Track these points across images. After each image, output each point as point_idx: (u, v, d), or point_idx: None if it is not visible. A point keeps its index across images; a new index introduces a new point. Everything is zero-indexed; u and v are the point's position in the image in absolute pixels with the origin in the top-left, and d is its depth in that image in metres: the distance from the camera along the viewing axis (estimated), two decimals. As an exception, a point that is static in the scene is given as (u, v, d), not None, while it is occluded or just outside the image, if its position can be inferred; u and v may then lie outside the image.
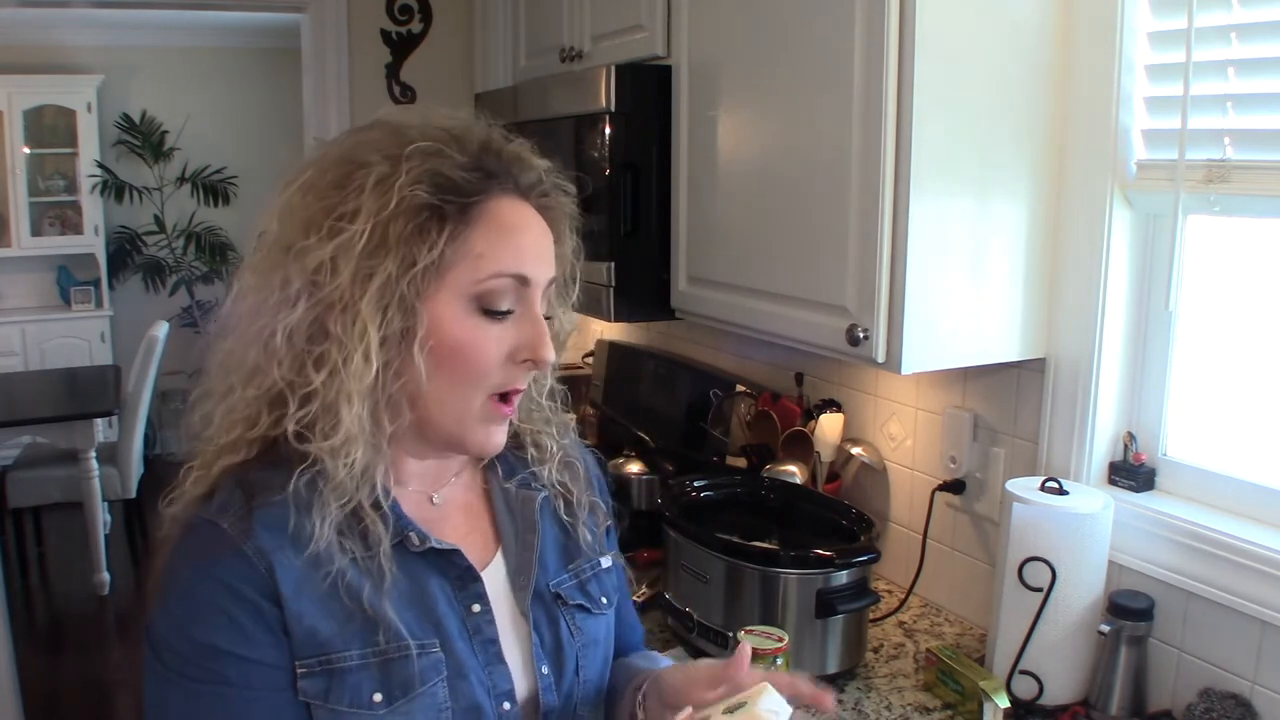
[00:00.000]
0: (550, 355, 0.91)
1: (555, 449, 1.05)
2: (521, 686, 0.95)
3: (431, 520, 0.95)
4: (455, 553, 0.93)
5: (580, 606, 1.02)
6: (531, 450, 1.04)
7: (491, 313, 0.88)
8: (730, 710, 0.86)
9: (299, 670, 0.84)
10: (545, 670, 0.97)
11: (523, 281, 0.89)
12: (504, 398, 0.91)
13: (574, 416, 1.11)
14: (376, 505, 0.88)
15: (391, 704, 0.85)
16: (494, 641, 0.94)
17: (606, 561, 1.07)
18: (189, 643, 0.83)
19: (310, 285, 0.85)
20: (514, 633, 0.97)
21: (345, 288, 0.84)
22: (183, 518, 0.88)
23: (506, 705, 0.93)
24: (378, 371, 0.85)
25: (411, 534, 0.90)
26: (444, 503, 0.98)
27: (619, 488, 1.61)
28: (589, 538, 1.05)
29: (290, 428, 0.86)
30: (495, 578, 0.98)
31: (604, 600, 1.05)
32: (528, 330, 0.90)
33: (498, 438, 0.93)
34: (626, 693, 1.04)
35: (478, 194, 0.88)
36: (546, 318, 0.94)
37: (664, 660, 1.11)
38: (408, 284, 0.85)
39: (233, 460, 0.89)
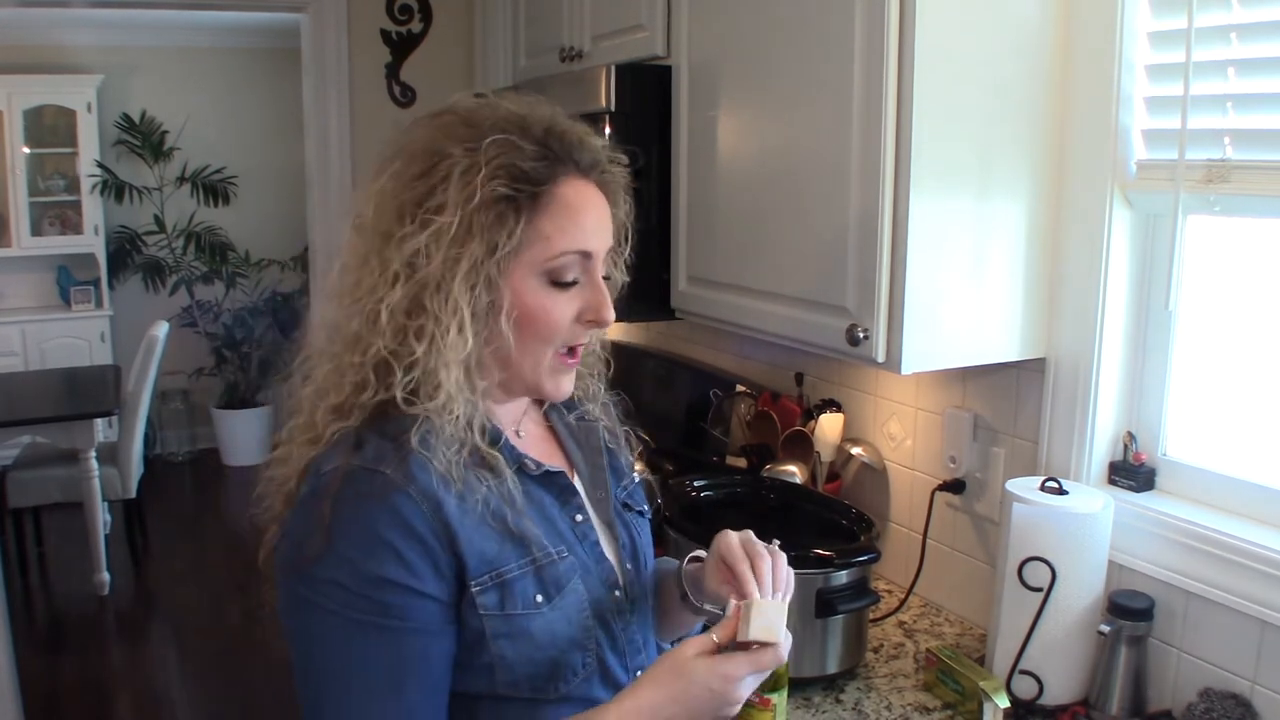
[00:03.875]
0: (611, 316, 1.04)
1: (595, 390, 1.20)
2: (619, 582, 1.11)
3: (523, 449, 1.08)
4: (560, 474, 1.09)
5: (639, 512, 1.20)
6: (579, 391, 1.17)
7: (560, 284, 1.01)
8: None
9: (474, 588, 0.96)
10: (629, 567, 1.13)
11: (585, 256, 1.01)
12: (570, 352, 1.05)
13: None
14: (492, 444, 1.01)
15: (550, 601, 1.00)
16: (596, 544, 1.09)
17: (638, 476, 1.24)
18: (359, 578, 0.91)
19: (408, 268, 0.96)
20: (604, 538, 1.12)
21: (438, 271, 0.95)
22: (342, 469, 0.95)
23: (617, 594, 1.09)
24: (470, 341, 0.97)
25: (528, 461, 1.06)
26: (525, 436, 1.12)
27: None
28: (628, 458, 1.23)
29: (399, 394, 0.96)
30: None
31: (645, 506, 1.23)
32: (591, 296, 1.03)
33: (567, 385, 1.07)
34: (668, 581, 1.20)
35: (546, 180, 0.99)
36: (605, 278, 1.06)
37: (671, 562, 1.25)
38: (492, 265, 0.97)
39: (343, 423, 0.99)
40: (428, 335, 0.95)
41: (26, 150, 5.60)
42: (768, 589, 1.00)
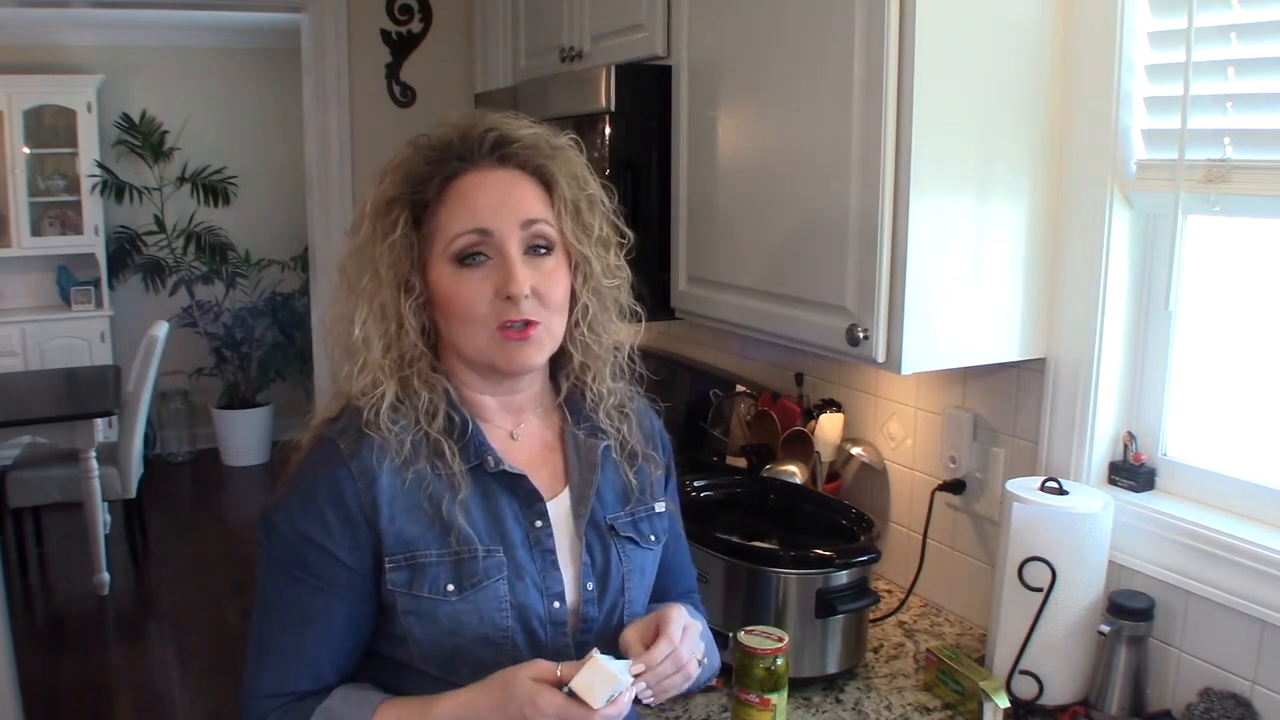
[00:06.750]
0: (514, 289, 1.06)
1: (607, 394, 1.21)
2: (570, 596, 1.13)
3: (510, 450, 1.14)
4: (522, 477, 1.12)
5: (630, 539, 1.18)
6: (590, 394, 1.20)
7: (465, 263, 1.07)
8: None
9: (388, 564, 1.05)
10: (590, 586, 1.14)
11: (482, 233, 1.07)
12: (524, 325, 1.07)
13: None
14: (452, 433, 1.09)
15: (461, 593, 1.06)
16: (551, 552, 1.12)
17: (660, 506, 1.23)
18: (292, 531, 1.06)
19: (344, 279, 1.12)
20: (570, 553, 1.14)
21: (354, 271, 1.10)
22: (316, 433, 1.10)
23: (556, 604, 1.12)
24: (391, 329, 1.08)
25: (489, 458, 1.10)
26: (523, 438, 1.17)
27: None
28: (640, 483, 1.21)
29: (350, 385, 1.10)
30: (560, 507, 1.15)
31: (653, 538, 1.21)
32: (501, 272, 1.07)
33: (523, 358, 1.09)
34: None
35: (435, 178, 1.09)
36: (582, 256, 1.12)
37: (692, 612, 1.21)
38: (398, 262, 1.08)
39: (342, 402, 1.13)
40: (357, 329, 1.09)
41: (26, 150, 5.59)
42: (656, 664, 1.03)
